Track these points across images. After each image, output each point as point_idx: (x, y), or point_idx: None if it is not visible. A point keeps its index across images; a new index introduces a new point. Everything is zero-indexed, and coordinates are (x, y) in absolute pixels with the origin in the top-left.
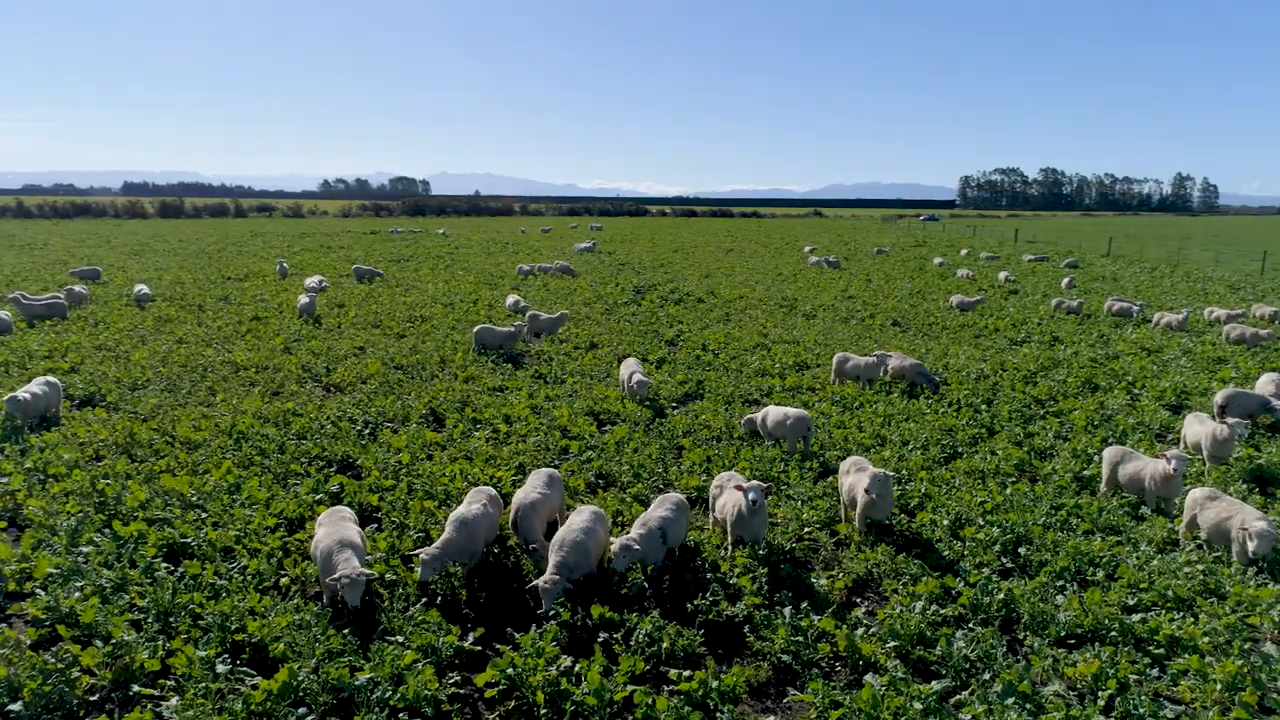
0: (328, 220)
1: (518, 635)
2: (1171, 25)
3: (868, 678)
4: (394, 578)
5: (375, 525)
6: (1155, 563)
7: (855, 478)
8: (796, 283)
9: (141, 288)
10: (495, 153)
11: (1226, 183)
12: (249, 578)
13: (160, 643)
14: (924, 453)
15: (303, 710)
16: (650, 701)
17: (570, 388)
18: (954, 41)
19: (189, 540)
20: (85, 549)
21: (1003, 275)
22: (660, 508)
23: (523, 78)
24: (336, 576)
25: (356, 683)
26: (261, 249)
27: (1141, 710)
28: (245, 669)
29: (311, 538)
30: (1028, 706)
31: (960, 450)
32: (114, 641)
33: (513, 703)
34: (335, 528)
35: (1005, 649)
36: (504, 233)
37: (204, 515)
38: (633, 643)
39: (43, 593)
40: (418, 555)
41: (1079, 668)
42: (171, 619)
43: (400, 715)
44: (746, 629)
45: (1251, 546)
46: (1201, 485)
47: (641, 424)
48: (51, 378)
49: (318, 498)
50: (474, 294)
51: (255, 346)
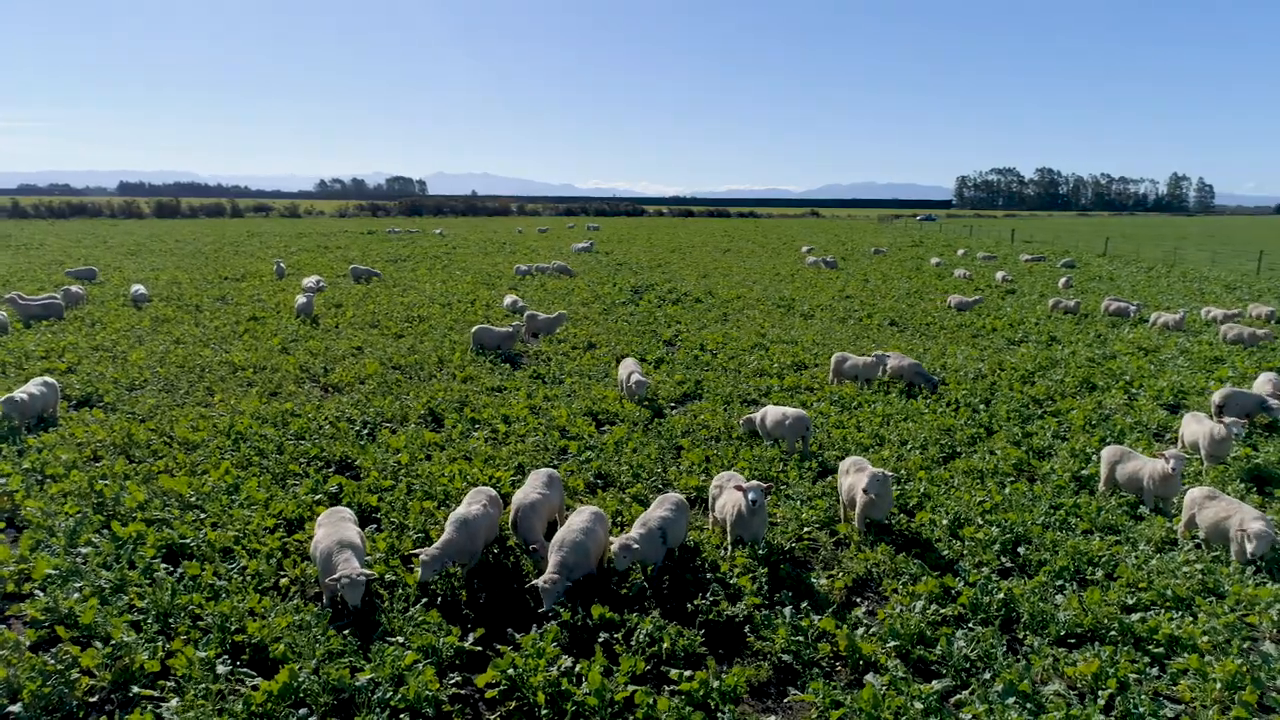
0: (324, 220)
1: (518, 636)
2: (1168, 26)
3: (868, 677)
4: (394, 578)
5: (374, 526)
6: (1154, 562)
7: (854, 478)
8: (794, 283)
9: (138, 288)
10: (492, 152)
11: (1222, 183)
12: (248, 578)
13: (160, 644)
14: (923, 452)
15: (303, 711)
16: (651, 702)
17: (569, 388)
18: (951, 42)
19: (188, 541)
20: (84, 550)
21: (1000, 275)
22: (660, 508)
23: (520, 77)
24: (336, 577)
25: (357, 683)
26: (258, 249)
27: (1142, 709)
28: (245, 670)
29: (311, 538)
30: (1028, 706)
31: (959, 450)
32: (113, 642)
33: (513, 703)
34: (335, 528)
35: (1005, 648)
36: (501, 233)
37: (203, 516)
38: (633, 643)
39: (41, 594)
40: (417, 556)
41: (1079, 667)
42: (171, 620)
43: (401, 716)
44: (747, 629)
45: (1250, 548)
46: (1199, 484)
47: (640, 424)
48: (49, 378)
49: (317, 498)
50: (471, 294)
51: (253, 347)
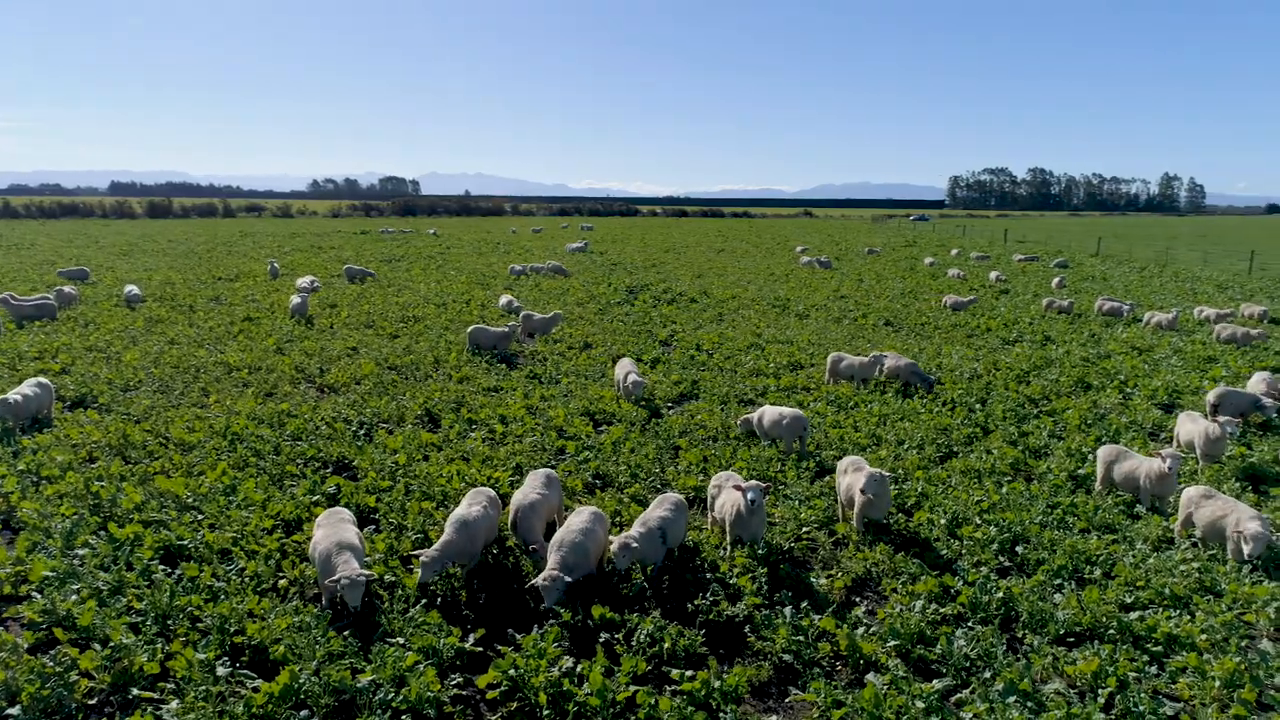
0: (318, 220)
1: (519, 636)
2: (1160, 27)
3: (869, 677)
4: (393, 579)
5: (373, 526)
6: (1151, 561)
7: (852, 477)
8: (789, 283)
9: (132, 288)
10: (486, 153)
11: (1213, 183)
12: (247, 580)
13: (159, 645)
14: (920, 452)
15: (304, 713)
16: (653, 702)
17: (565, 388)
18: (944, 42)
19: (186, 542)
20: (81, 551)
21: (993, 275)
22: (659, 508)
23: (514, 77)
24: (336, 578)
25: (358, 685)
26: (251, 249)
27: (1141, 708)
28: (246, 671)
29: (309, 539)
30: (1029, 704)
31: (955, 449)
32: (112, 644)
33: (515, 704)
34: (334, 529)
35: (1005, 647)
36: (495, 233)
37: (200, 517)
38: (634, 643)
39: (39, 596)
40: (417, 557)
41: (1079, 665)
42: (170, 621)
43: (403, 717)
44: (747, 629)
45: (1246, 549)
46: (1195, 483)
47: (637, 424)
48: (43, 379)
49: (314, 499)
50: (466, 294)
51: (248, 347)
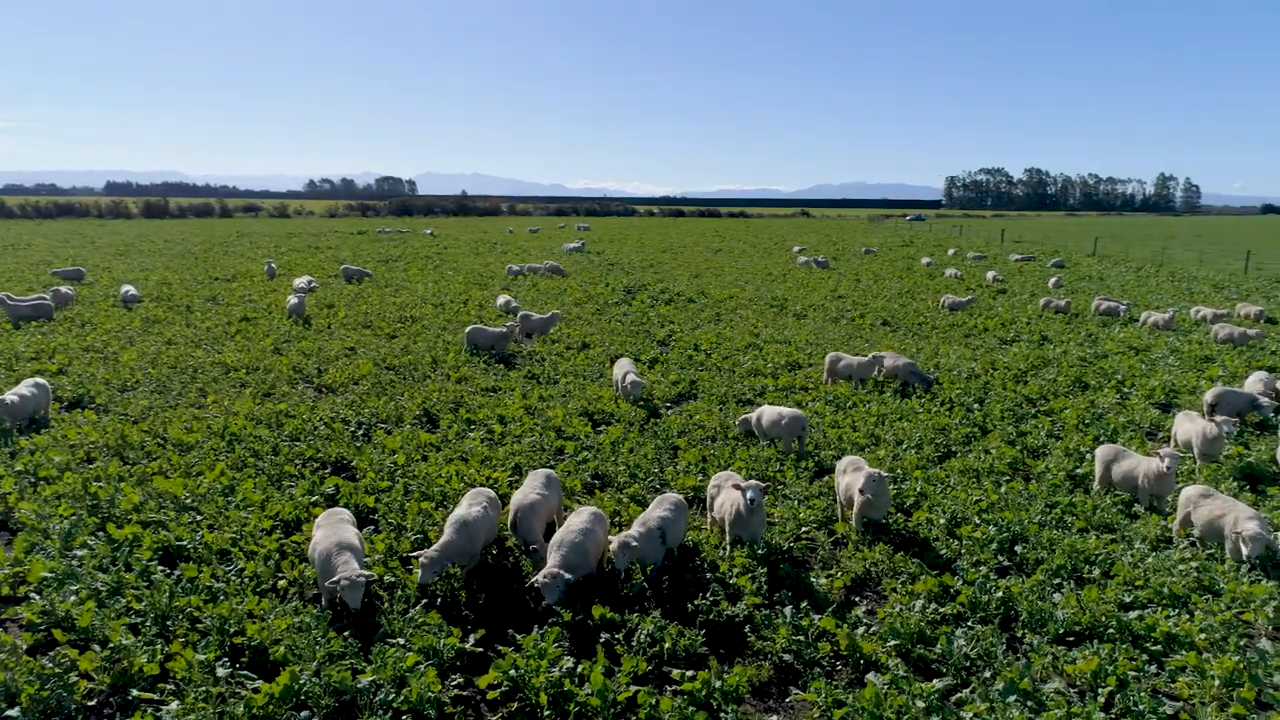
0: (314, 220)
1: (519, 637)
2: (1156, 27)
3: (870, 676)
4: (393, 580)
5: (372, 527)
6: (1150, 560)
7: (851, 477)
8: (786, 283)
9: (128, 288)
10: (482, 153)
11: (1209, 183)
12: (246, 580)
13: (159, 646)
14: (918, 452)
15: (305, 714)
16: (654, 702)
17: (564, 388)
18: (941, 43)
19: (185, 543)
20: (79, 552)
21: (990, 275)
22: (659, 508)
23: (510, 77)
24: (336, 579)
25: (359, 685)
26: (248, 249)
27: (1141, 707)
28: (245, 672)
29: (308, 540)
30: (1029, 704)
31: (954, 449)
32: (112, 645)
33: (516, 704)
34: (333, 530)
35: (1005, 647)
36: (492, 233)
37: (199, 518)
38: (634, 643)
39: (37, 597)
40: (416, 558)
41: (1078, 665)
42: (169, 622)
43: (404, 717)
44: (747, 629)
45: (1246, 551)
46: (1193, 483)
47: (636, 424)
48: (40, 379)
49: (313, 499)
50: (464, 294)
51: (245, 347)
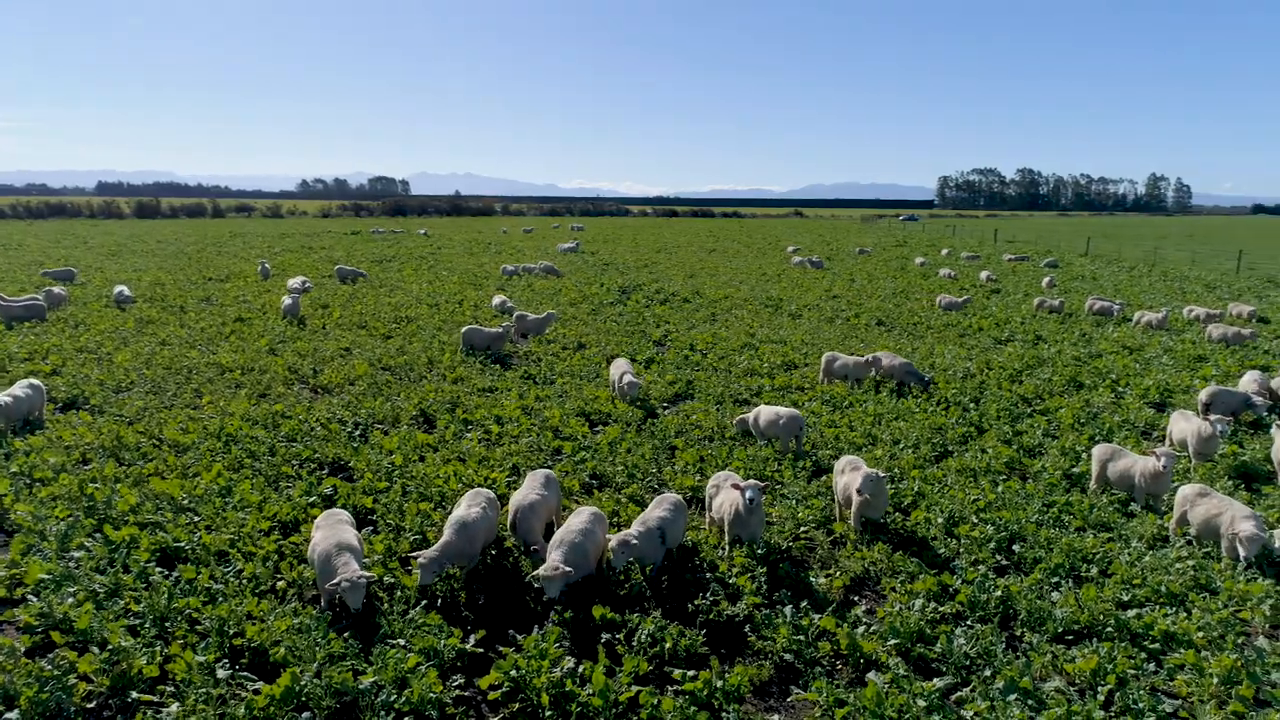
0: (307, 220)
1: (520, 637)
2: (1148, 28)
3: (870, 675)
4: (392, 580)
5: (371, 528)
6: (1147, 559)
7: (850, 477)
8: (780, 282)
9: (121, 289)
10: (475, 153)
11: (1200, 183)
12: (245, 582)
13: (158, 648)
14: (915, 451)
15: (306, 715)
16: (656, 702)
17: (560, 388)
18: (933, 43)
19: (182, 544)
20: (76, 554)
21: (984, 275)
22: (658, 508)
23: (503, 77)
24: (337, 581)
25: (360, 686)
26: (242, 249)
27: (1140, 705)
28: (246, 674)
29: (307, 541)
30: (1029, 702)
31: (950, 449)
32: (110, 647)
33: (517, 704)
34: (332, 531)
35: (1004, 645)
36: (486, 233)
37: (196, 519)
38: (635, 643)
39: (35, 599)
40: (415, 559)
41: (1078, 663)
42: (168, 624)
43: (405, 718)
44: (747, 628)
45: (1242, 552)
46: (1188, 482)
47: (633, 424)
48: (34, 380)
49: (311, 500)
50: (459, 294)
51: (240, 348)
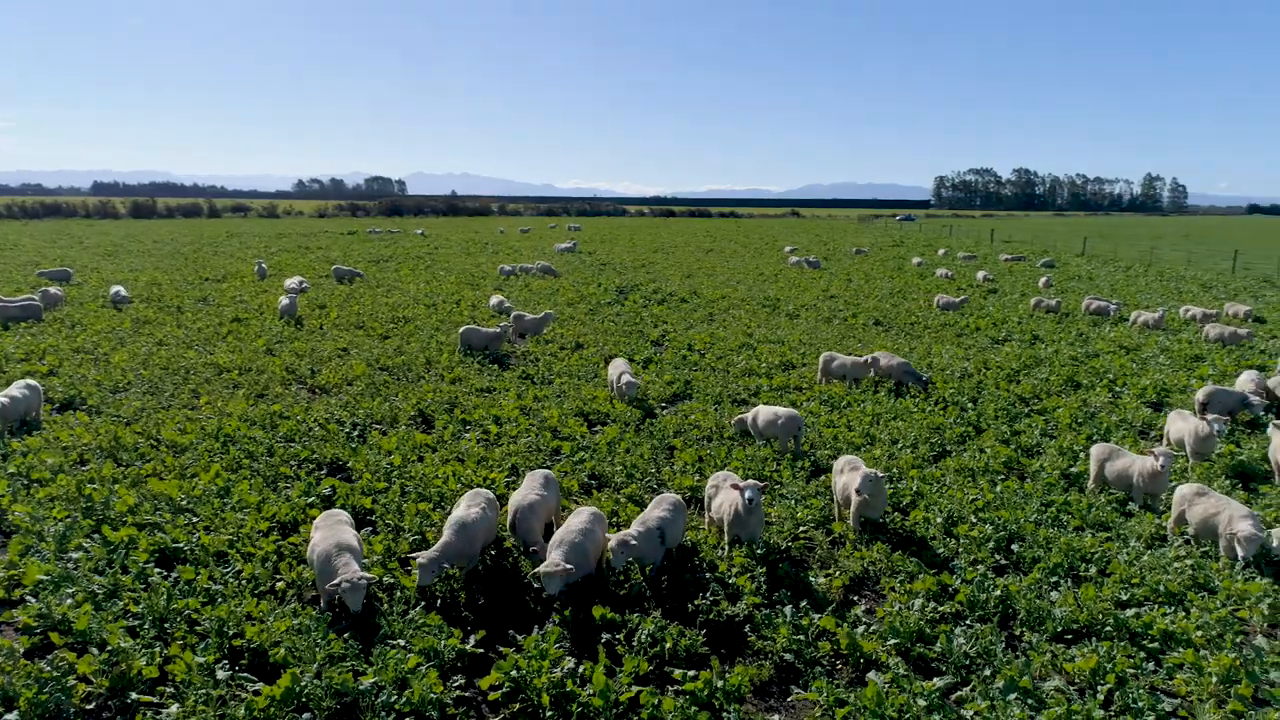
0: (304, 220)
1: (520, 637)
2: (1145, 29)
3: (870, 675)
4: (391, 581)
5: (370, 528)
6: (1145, 558)
7: (848, 477)
8: (778, 282)
9: (118, 289)
10: (472, 152)
11: (1195, 183)
12: (244, 582)
13: (157, 649)
14: (913, 451)
15: (307, 716)
16: (656, 702)
17: (558, 388)
18: (929, 44)
19: (181, 545)
20: (75, 555)
21: (981, 275)
22: (658, 508)
23: (500, 77)
24: (337, 582)
25: (361, 687)
26: (238, 249)
27: (1140, 704)
28: (246, 675)
29: (306, 541)
30: (1029, 702)
31: (949, 448)
32: (110, 648)
33: (518, 705)
34: (332, 532)
35: (1004, 645)
36: (483, 233)
37: (195, 519)
38: (635, 643)
39: (33, 600)
40: (415, 559)
41: (1077, 663)
42: (167, 625)
43: (406, 719)
44: (747, 628)
45: (1240, 552)
46: (1186, 481)
47: (632, 424)
48: (31, 381)
49: (310, 501)
50: (456, 294)
51: (237, 348)
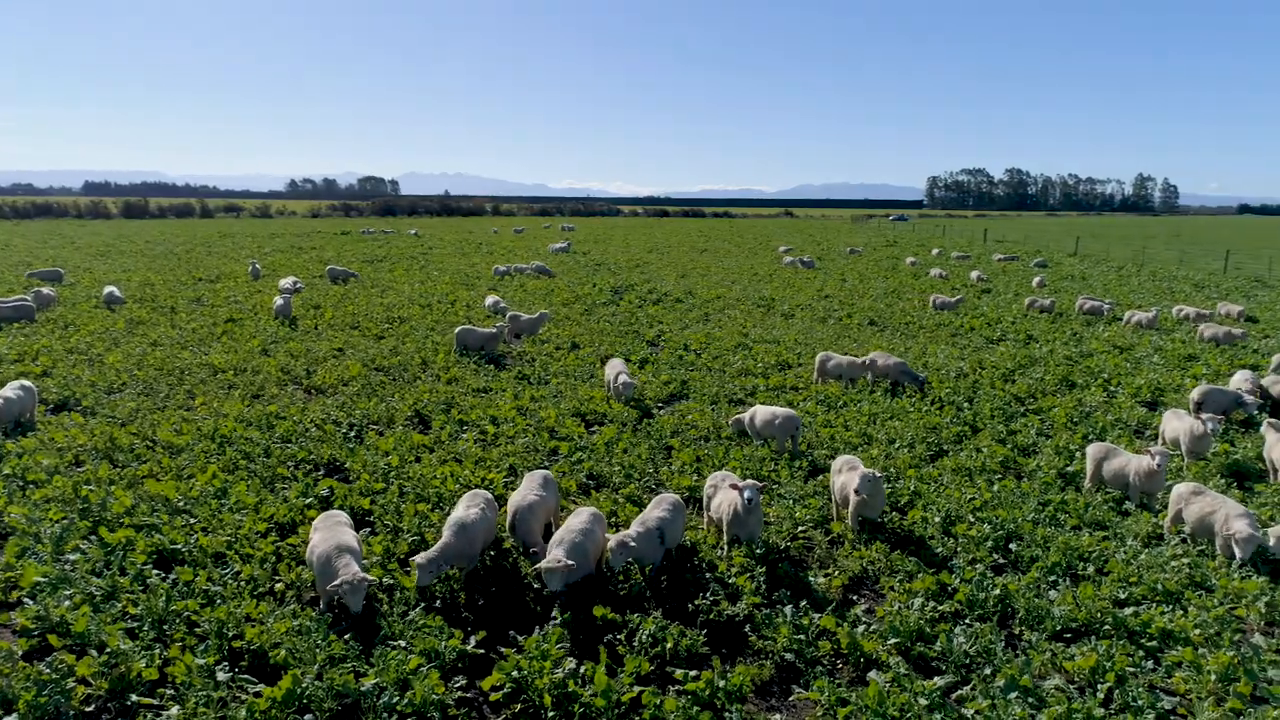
0: (297, 220)
1: (521, 638)
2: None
3: (871, 674)
4: (391, 582)
5: (368, 529)
6: (1143, 557)
7: (846, 477)
8: (773, 282)
9: (111, 289)
10: (465, 152)
11: (1186, 184)
12: (243, 583)
13: (156, 651)
14: (910, 451)
15: (308, 717)
16: (658, 702)
17: (555, 388)
18: (924, 44)
19: (179, 546)
20: (72, 557)
21: (974, 274)
22: (657, 508)
23: (493, 77)
24: (338, 582)
25: (362, 688)
26: (231, 250)
27: (1140, 702)
28: (246, 676)
29: (305, 542)
30: (1030, 700)
31: (945, 448)
32: (109, 650)
33: (519, 705)
34: (331, 532)
35: (1004, 644)
36: (477, 233)
37: (192, 521)
38: (636, 643)
39: (31, 602)
40: (414, 560)
41: (1077, 661)
42: (166, 626)
43: None
44: (748, 628)
45: (1237, 552)
46: (1181, 480)
47: (629, 424)
48: (25, 382)
49: (307, 502)
50: (451, 295)
51: (232, 349)
